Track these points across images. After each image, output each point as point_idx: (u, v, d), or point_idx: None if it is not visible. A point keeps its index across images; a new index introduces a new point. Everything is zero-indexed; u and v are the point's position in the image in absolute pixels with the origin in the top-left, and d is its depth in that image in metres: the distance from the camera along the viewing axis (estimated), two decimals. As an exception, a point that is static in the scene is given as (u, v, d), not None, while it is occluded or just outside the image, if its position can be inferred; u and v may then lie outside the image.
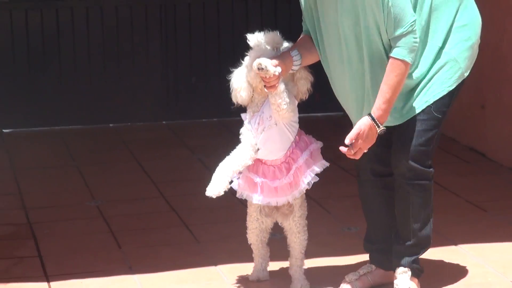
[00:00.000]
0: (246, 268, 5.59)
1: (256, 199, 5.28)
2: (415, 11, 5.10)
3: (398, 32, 4.95)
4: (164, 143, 9.42)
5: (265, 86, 5.05)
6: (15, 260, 6.49)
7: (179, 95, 9.93)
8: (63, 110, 9.84)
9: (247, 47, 5.25)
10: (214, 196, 5.12)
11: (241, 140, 5.26)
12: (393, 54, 4.98)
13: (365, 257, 5.91)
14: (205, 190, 5.21)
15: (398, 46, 4.97)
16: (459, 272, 5.92)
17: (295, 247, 5.54)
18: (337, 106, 5.70)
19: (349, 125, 5.16)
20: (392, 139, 5.33)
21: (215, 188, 5.06)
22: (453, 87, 5.25)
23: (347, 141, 4.96)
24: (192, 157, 8.76)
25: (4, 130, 9.81)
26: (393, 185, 5.44)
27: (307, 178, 5.31)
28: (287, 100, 5.07)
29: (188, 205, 7.08)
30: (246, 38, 5.11)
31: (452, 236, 6.50)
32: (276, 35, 5.32)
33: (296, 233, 5.50)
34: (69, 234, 7.00)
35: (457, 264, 6.09)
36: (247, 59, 5.24)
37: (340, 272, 6.10)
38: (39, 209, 7.55)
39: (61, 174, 8.49)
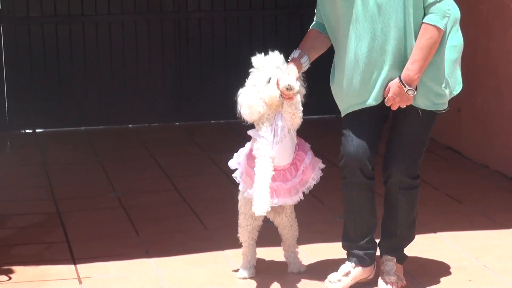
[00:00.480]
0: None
1: (277, 201, 5.23)
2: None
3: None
4: (177, 142, 9.42)
5: (283, 97, 4.99)
6: (46, 245, 6.52)
7: (190, 100, 9.93)
8: (87, 113, 9.86)
9: (250, 59, 5.21)
10: (264, 213, 5.04)
11: (258, 155, 5.15)
12: (426, 20, 4.89)
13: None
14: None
15: (431, 13, 4.87)
16: (438, 257, 5.95)
17: (289, 237, 5.56)
18: (330, 109, 5.71)
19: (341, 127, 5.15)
20: (375, 148, 5.26)
21: (263, 206, 4.98)
22: (444, 107, 5.20)
23: (386, 99, 5.01)
24: (202, 154, 8.76)
25: (37, 130, 9.82)
26: (374, 187, 5.37)
27: (316, 175, 5.32)
28: (301, 108, 5.06)
29: (198, 197, 7.09)
30: (250, 52, 5.03)
31: (432, 225, 6.54)
32: (277, 56, 5.24)
33: (288, 227, 5.53)
34: (93, 222, 7.03)
35: (437, 250, 6.11)
36: (252, 78, 5.21)
37: (333, 256, 6.12)
38: (67, 200, 7.57)
39: (86, 169, 8.52)
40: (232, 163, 5.35)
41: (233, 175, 5.33)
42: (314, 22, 5.32)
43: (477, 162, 8.17)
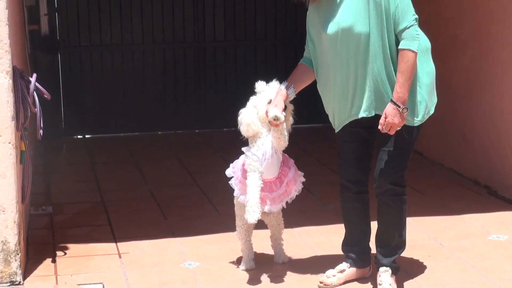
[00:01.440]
0: (255, 234, 5.53)
1: (266, 209, 5.14)
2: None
3: (403, 25, 4.66)
4: (196, 145, 9.43)
5: (270, 124, 4.91)
6: (93, 228, 6.56)
7: (207, 112, 9.95)
8: (126, 122, 9.88)
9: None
10: (255, 221, 4.96)
11: (250, 170, 5.04)
12: (400, 46, 4.68)
13: (335, 227, 5.93)
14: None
15: (403, 39, 4.66)
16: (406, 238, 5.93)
17: (276, 233, 5.48)
18: (319, 119, 5.70)
19: (329, 133, 5.12)
20: (368, 164, 5.12)
21: (254, 215, 4.92)
22: (422, 122, 4.97)
23: (380, 126, 4.75)
24: (215, 155, 8.80)
25: (86, 136, 9.83)
26: (368, 200, 5.22)
27: (298, 187, 5.23)
28: (286, 134, 4.98)
29: (213, 189, 7.13)
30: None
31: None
32: (276, 84, 5.10)
33: (276, 225, 5.43)
34: (130, 209, 7.07)
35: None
36: (252, 100, 5.13)
37: (321, 236, 6.12)
38: (109, 192, 7.60)
39: (124, 167, 8.53)
40: (228, 172, 5.27)
41: (229, 182, 5.24)
42: (303, 57, 5.15)
43: (435, 161, 8.16)
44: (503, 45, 7.08)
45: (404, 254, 5.24)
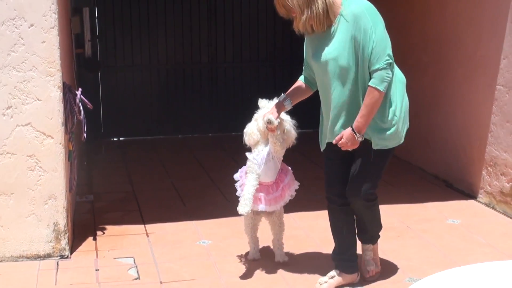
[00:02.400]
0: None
1: (261, 207, 4.98)
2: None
3: (375, 65, 4.37)
4: (210, 146, 9.42)
5: (268, 129, 4.77)
6: (125, 212, 6.56)
7: (220, 118, 9.95)
8: (153, 127, 9.89)
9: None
10: (245, 213, 4.78)
11: (249, 171, 4.89)
12: (370, 83, 4.39)
13: (322, 212, 5.91)
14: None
15: (373, 77, 4.37)
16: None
17: (277, 233, 5.20)
18: (310, 125, 5.63)
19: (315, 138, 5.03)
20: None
21: (245, 208, 4.75)
22: (393, 146, 4.68)
23: (334, 141, 4.52)
24: (226, 155, 8.79)
25: (121, 138, 9.83)
26: (351, 212, 4.86)
27: (291, 192, 5.04)
28: (281, 140, 4.85)
29: (223, 181, 7.08)
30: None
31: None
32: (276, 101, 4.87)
33: (277, 225, 5.17)
34: (156, 198, 7.06)
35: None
36: (256, 116, 4.96)
37: (311, 220, 6.10)
38: (139, 183, 7.59)
39: (151, 164, 8.51)
40: (236, 176, 5.12)
41: (235, 184, 5.12)
42: (302, 75, 4.91)
43: (404, 160, 8.16)
44: (457, 67, 7.11)
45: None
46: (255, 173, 4.87)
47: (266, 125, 4.75)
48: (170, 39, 9.78)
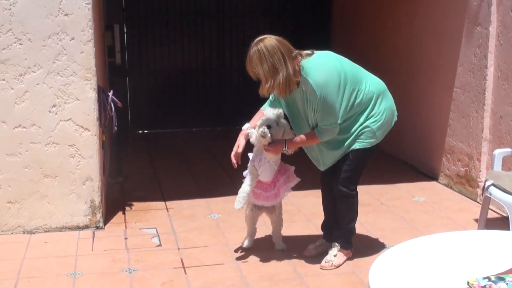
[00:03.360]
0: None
1: (260, 202, 4.71)
2: (353, 102, 4.30)
3: (320, 124, 4.25)
4: (218, 138, 9.37)
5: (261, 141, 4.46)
6: (149, 192, 6.55)
7: (226, 114, 9.91)
8: (172, 121, 9.83)
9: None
10: (239, 209, 4.53)
11: (248, 172, 4.64)
12: (316, 129, 4.29)
13: (311, 191, 5.90)
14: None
15: (317, 129, 4.27)
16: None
17: (276, 227, 4.90)
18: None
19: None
20: (333, 174, 4.57)
21: (239, 205, 4.54)
22: (365, 146, 4.48)
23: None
24: (231, 144, 8.73)
25: (145, 131, 9.77)
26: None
27: (287, 190, 4.72)
28: (269, 149, 4.50)
29: (230, 166, 7.09)
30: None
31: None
32: (281, 111, 4.51)
33: (277, 221, 4.86)
34: (174, 179, 7.04)
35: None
36: (259, 122, 4.51)
37: (301, 198, 6.09)
38: (161, 168, 7.56)
39: (169, 152, 8.46)
40: (244, 172, 4.80)
41: (243, 180, 4.83)
42: (265, 104, 4.66)
43: (379, 149, 8.12)
44: (422, 73, 7.11)
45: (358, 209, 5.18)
46: (253, 174, 4.64)
47: (261, 138, 4.48)
48: (185, 49, 9.76)
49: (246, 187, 4.63)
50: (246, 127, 4.62)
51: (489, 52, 5.90)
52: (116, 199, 6.26)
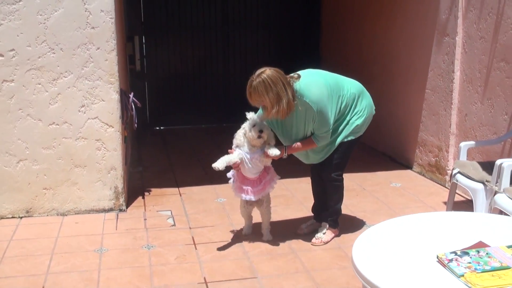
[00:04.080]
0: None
1: (244, 197, 4.50)
2: (339, 107, 4.29)
3: (317, 133, 4.23)
4: (224, 133, 9.30)
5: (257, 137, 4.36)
6: (164, 180, 6.53)
7: (231, 112, 9.90)
8: (183, 119, 9.78)
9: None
10: (216, 169, 4.31)
11: (234, 148, 4.47)
12: (312, 137, 4.28)
13: (303, 179, 5.87)
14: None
15: (315, 136, 4.25)
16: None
17: (265, 219, 4.69)
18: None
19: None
20: (322, 162, 4.51)
21: (217, 164, 4.32)
22: (351, 138, 4.45)
23: (278, 152, 4.29)
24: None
25: (161, 127, 9.70)
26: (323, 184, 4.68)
27: (270, 187, 4.52)
28: (261, 150, 4.42)
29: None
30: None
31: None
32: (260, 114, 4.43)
33: (265, 213, 4.65)
34: (186, 169, 7.00)
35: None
36: (248, 125, 4.43)
37: (295, 184, 6.05)
38: (174, 159, 7.53)
39: (183, 145, 8.42)
40: (229, 174, 4.68)
41: (229, 181, 4.67)
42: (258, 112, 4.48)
43: (361, 142, 8.08)
44: (397, 76, 7.08)
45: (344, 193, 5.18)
46: (237, 155, 4.44)
47: (258, 134, 4.32)
48: (195, 57, 9.70)
49: (231, 157, 4.37)
50: (250, 116, 4.41)
51: (455, 59, 5.89)
52: (136, 186, 6.25)
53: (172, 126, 9.72)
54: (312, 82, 4.16)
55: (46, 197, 5.32)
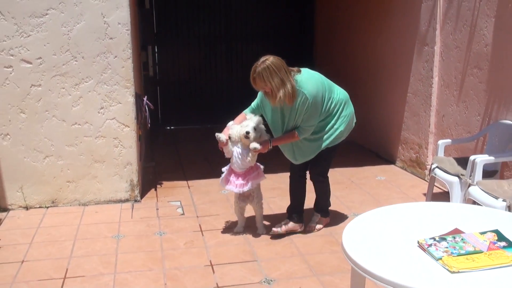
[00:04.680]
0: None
1: (228, 187, 4.34)
2: (328, 107, 4.14)
3: (303, 125, 4.07)
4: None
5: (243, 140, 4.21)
6: (175, 174, 6.49)
7: (233, 112, 9.85)
8: (192, 119, 9.70)
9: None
10: (217, 138, 4.18)
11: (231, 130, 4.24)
12: (296, 129, 4.11)
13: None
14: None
15: (299, 129, 4.09)
16: (332, 180, 5.69)
17: (257, 214, 4.52)
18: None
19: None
20: (308, 163, 4.41)
21: (221, 135, 4.27)
22: (335, 144, 4.30)
23: (258, 146, 4.11)
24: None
25: (172, 127, 9.63)
26: (305, 182, 4.52)
27: (255, 183, 4.33)
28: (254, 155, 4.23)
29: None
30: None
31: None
32: (259, 119, 4.25)
33: (257, 209, 4.48)
34: (194, 164, 6.95)
35: (332, 177, 5.85)
36: (238, 129, 4.28)
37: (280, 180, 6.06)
38: (183, 156, 7.48)
39: (191, 143, 8.35)
40: (223, 168, 4.57)
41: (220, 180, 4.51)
42: (247, 109, 4.36)
43: (351, 140, 8.06)
44: (384, 82, 7.05)
45: (332, 187, 5.04)
46: (235, 144, 4.24)
47: (253, 150, 4.15)
48: (202, 64, 9.65)
49: (222, 136, 4.17)
50: (230, 124, 4.35)
51: (434, 66, 5.87)
52: (149, 179, 6.23)
53: (182, 126, 9.64)
54: (312, 77, 4.07)
55: (69, 189, 5.31)
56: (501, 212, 2.93)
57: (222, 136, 4.19)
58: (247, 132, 4.13)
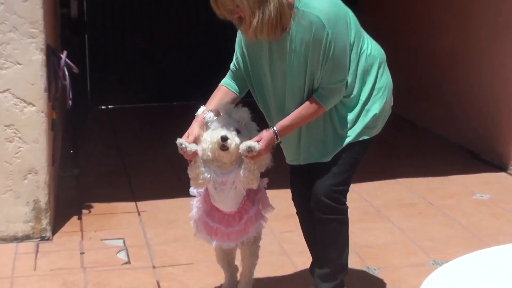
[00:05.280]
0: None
1: (209, 241, 4.19)
2: (349, 70, 3.95)
3: (328, 83, 3.86)
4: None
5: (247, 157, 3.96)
6: (115, 188, 6.57)
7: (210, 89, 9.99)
8: (145, 93, 9.97)
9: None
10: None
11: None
12: (316, 95, 3.89)
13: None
14: None
15: (322, 93, 3.88)
16: (397, 196, 6.08)
17: (246, 266, 4.34)
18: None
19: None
20: (317, 175, 4.10)
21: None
22: (365, 138, 4.03)
23: (255, 144, 3.86)
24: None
25: (109, 106, 9.89)
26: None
27: (258, 228, 4.24)
28: (255, 169, 4.02)
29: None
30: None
31: (393, 171, 6.42)
32: (245, 111, 4.09)
33: (248, 256, 4.28)
34: (149, 172, 7.10)
35: (396, 191, 6.18)
36: (205, 135, 4.24)
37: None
38: (130, 156, 7.65)
39: (143, 134, 8.57)
40: (192, 191, 4.37)
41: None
42: (225, 78, 4.33)
43: (422, 127, 8.20)
44: (479, 32, 7.18)
45: (397, 211, 5.13)
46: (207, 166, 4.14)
47: (247, 153, 3.91)
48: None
49: (192, 145, 4.21)
50: (201, 111, 4.26)
51: None
52: (69, 199, 6.25)
53: (126, 104, 9.85)
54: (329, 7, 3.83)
55: None
56: None
57: (188, 145, 4.17)
58: (224, 139, 3.95)
